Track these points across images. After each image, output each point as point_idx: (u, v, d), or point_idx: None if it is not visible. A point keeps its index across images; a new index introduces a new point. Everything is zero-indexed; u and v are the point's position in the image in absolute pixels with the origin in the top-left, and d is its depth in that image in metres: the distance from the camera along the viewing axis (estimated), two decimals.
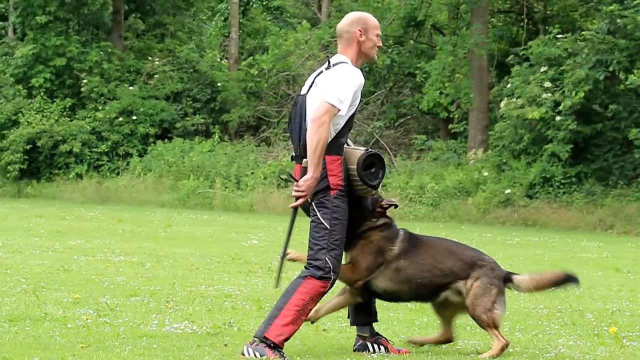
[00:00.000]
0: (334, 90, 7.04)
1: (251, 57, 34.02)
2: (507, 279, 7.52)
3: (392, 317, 9.03)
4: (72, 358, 6.59)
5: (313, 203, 7.06)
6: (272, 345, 6.90)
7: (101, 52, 33.20)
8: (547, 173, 25.59)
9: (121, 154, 32.04)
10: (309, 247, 7.09)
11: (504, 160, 26.67)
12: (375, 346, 7.40)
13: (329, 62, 7.27)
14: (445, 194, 26.63)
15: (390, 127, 32.34)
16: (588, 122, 25.87)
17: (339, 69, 7.19)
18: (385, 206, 7.49)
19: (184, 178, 30.17)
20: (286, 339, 6.96)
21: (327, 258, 7.00)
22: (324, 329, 7.66)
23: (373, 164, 7.20)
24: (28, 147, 31.72)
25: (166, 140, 32.11)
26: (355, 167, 7.13)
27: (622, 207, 24.53)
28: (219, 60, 35.41)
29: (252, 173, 29.80)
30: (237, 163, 30.20)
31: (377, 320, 7.54)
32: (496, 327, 7.36)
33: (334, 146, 7.10)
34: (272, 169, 29.59)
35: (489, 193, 25.94)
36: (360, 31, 7.23)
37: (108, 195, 30.57)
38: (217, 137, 31.90)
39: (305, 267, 7.09)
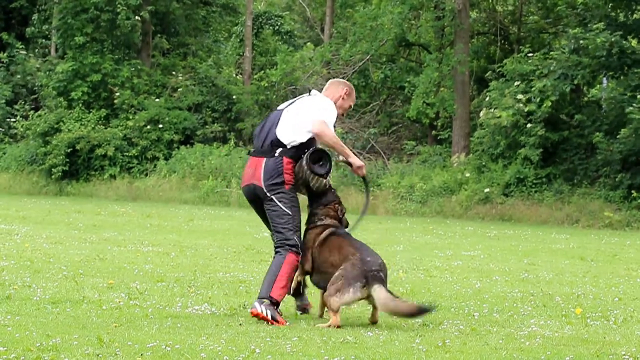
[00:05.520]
0: (326, 113, 7.83)
1: (262, 71, 34.00)
2: (368, 277, 7.42)
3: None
4: (106, 336, 6.59)
5: (273, 196, 7.72)
6: (276, 303, 7.57)
7: (132, 69, 33.19)
8: (521, 174, 25.56)
9: (149, 157, 32.02)
10: (275, 231, 7.79)
11: (484, 163, 26.63)
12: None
13: (310, 92, 8.12)
14: (432, 193, 26.60)
15: (384, 134, 32.31)
16: (556, 130, 25.83)
17: (326, 99, 7.99)
18: (335, 209, 7.91)
19: (204, 178, 30.16)
20: (282, 299, 7.67)
21: (295, 237, 7.74)
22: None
23: (321, 159, 7.80)
24: (68, 150, 31.69)
25: (188, 145, 32.10)
26: (305, 162, 7.72)
27: (587, 204, 24.50)
28: (234, 75, 35.36)
29: None
30: None
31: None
32: (332, 309, 7.47)
33: (294, 152, 7.77)
34: None
35: (471, 192, 25.91)
36: (346, 91, 8.13)
37: (138, 193, 30.57)
38: (232, 142, 31.88)
39: (279, 249, 7.74)
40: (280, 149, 7.75)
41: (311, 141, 7.84)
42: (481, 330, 7.50)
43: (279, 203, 7.71)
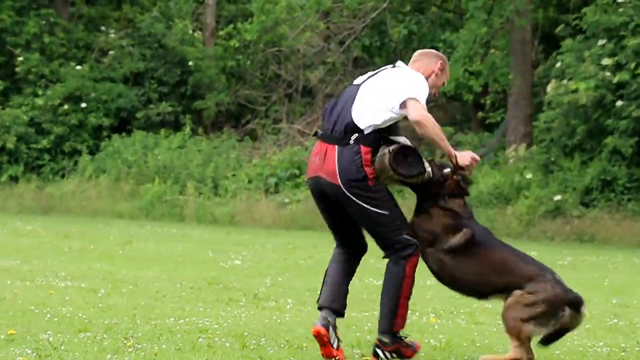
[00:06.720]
0: (419, 91, 8.69)
1: (231, 26, 33.95)
2: (573, 303, 8.59)
3: None
4: None
5: (357, 199, 8.61)
6: (399, 337, 8.58)
7: (42, 22, 33.18)
8: (608, 175, 25.56)
9: (67, 151, 32.00)
10: (381, 238, 8.71)
11: (553, 159, 26.65)
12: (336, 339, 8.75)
13: (394, 64, 8.95)
14: (477, 202, 26.59)
15: None
16: None
17: (415, 73, 8.83)
18: (457, 178, 9.28)
19: (147, 181, 30.14)
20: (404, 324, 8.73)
21: (406, 235, 8.69)
22: None
23: (407, 156, 8.73)
24: None
25: (124, 133, 32.08)
26: (390, 168, 8.60)
27: None
28: (190, 32, 35.38)
29: (234, 175, 29.75)
30: (214, 162, 30.16)
31: (343, 315, 8.92)
32: (520, 339, 8.23)
33: (371, 139, 8.64)
34: (258, 169, 29.55)
35: (534, 200, 25.92)
36: (440, 65, 9.00)
37: (51, 203, 30.54)
38: (188, 129, 31.87)
39: (394, 257, 8.66)
40: (356, 135, 8.65)
41: (391, 126, 8.80)
42: None
43: (369, 207, 8.65)
